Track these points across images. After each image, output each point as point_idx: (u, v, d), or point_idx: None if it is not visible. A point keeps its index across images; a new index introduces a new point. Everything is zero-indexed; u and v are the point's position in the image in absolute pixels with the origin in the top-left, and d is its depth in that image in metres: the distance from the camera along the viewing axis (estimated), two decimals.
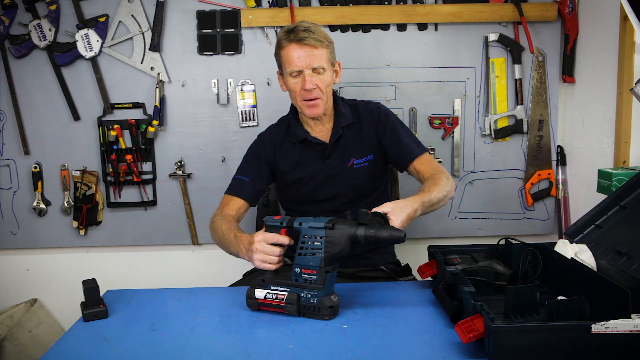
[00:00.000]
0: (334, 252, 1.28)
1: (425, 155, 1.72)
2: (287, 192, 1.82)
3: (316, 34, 1.61)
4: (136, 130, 2.26)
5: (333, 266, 1.31)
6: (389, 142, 1.73)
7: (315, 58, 1.61)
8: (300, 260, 1.31)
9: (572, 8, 2.21)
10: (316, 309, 1.30)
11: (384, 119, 1.75)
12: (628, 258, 1.29)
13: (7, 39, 2.19)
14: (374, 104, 1.80)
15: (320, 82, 1.63)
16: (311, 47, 1.60)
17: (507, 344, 1.03)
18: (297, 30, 1.61)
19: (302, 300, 1.31)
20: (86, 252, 2.39)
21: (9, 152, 2.28)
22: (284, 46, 1.63)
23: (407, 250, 2.04)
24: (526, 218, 2.38)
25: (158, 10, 2.20)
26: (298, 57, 1.61)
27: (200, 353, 1.17)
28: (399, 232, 1.26)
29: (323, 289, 1.29)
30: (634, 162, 1.92)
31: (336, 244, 1.28)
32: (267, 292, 1.35)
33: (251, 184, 1.75)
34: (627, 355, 1.03)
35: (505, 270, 1.42)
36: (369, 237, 1.26)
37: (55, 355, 1.18)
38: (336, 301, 1.31)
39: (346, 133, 1.75)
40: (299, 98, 1.66)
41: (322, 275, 1.29)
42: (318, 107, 1.66)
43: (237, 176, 1.78)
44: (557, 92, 2.31)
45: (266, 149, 1.79)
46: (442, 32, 2.26)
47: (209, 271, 2.40)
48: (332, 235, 1.28)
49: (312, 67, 1.61)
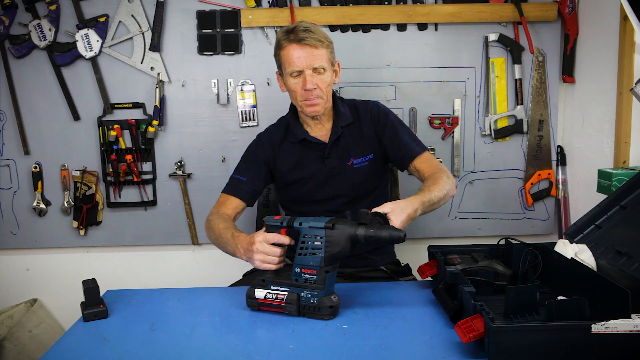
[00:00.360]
0: (334, 252, 1.28)
1: (426, 154, 1.72)
2: (287, 192, 1.82)
3: (316, 34, 1.61)
4: (136, 130, 2.26)
5: (333, 266, 1.31)
6: (389, 142, 1.73)
7: (316, 58, 1.61)
8: (300, 260, 1.31)
9: (572, 8, 2.21)
10: (316, 308, 1.30)
11: (383, 118, 1.75)
12: (628, 258, 1.29)
13: (7, 39, 2.19)
14: (373, 104, 1.80)
15: (320, 82, 1.63)
16: (311, 47, 1.60)
17: (507, 344, 1.03)
18: (297, 31, 1.60)
19: (302, 300, 1.31)
20: (86, 252, 2.39)
21: (9, 152, 2.28)
22: (284, 46, 1.63)
23: (407, 250, 2.04)
24: (526, 218, 2.38)
25: (158, 10, 2.20)
26: (298, 57, 1.61)
27: (200, 353, 1.17)
28: (399, 232, 1.26)
29: (323, 288, 1.29)
30: (634, 162, 1.92)
31: (336, 244, 1.28)
32: (267, 292, 1.35)
33: (248, 184, 1.75)
34: (627, 355, 1.03)
35: (505, 270, 1.42)
36: (369, 237, 1.26)
37: (55, 355, 1.18)
38: (336, 301, 1.31)
39: (346, 133, 1.75)
40: (300, 98, 1.66)
41: (322, 275, 1.29)
42: (318, 105, 1.67)
43: (235, 175, 1.78)
44: (557, 92, 2.31)
45: (265, 149, 1.79)
46: (442, 32, 2.26)
47: (209, 271, 2.40)
48: (332, 235, 1.28)
49: (313, 67, 1.61)
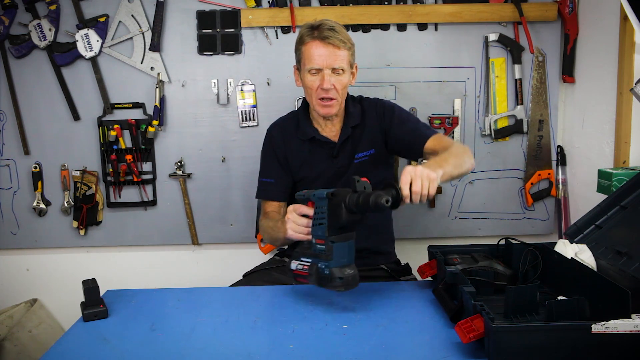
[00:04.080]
0: (333, 221, 1.29)
1: (438, 135, 1.69)
2: (293, 188, 1.82)
3: (340, 34, 1.61)
4: (136, 130, 2.26)
5: (339, 236, 1.30)
6: (399, 131, 1.73)
7: (337, 59, 1.61)
8: (315, 231, 1.35)
9: (572, 8, 2.21)
10: (328, 279, 1.29)
11: (388, 112, 1.76)
12: (628, 258, 1.29)
13: (7, 39, 2.19)
14: (377, 101, 1.81)
15: (338, 83, 1.63)
16: (334, 47, 1.60)
17: (507, 344, 1.03)
18: (322, 28, 1.60)
19: (319, 271, 1.31)
20: (86, 252, 2.39)
21: (9, 152, 2.28)
22: (307, 42, 1.62)
23: (407, 250, 2.04)
24: (526, 218, 2.38)
25: (158, 10, 2.20)
26: (319, 55, 1.60)
27: (200, 353, 1.17)
28: (381, 197, 1.19)
29: (332, 259, 1.29)
30: (634, 162, 1.92)
31: (334, 213, 1.29)
32: (297, 263, 1.38)
33: (278, 184, 1.77)
34: (627, 355, 1.03)
35: (505, 270, 1.43)
36: (357, 204, 1.25)
37: (55, 355, 1.18)
38: (347, 274, 1.29)
39: (354, 133, 1.75)
40: (315, 96, 1.66)
41: (329, 245, 1.30)
42: (332, 107, 1.67)
43: (262, 179, 1.80)
44: (557, 92, 2.31)
45: (277, 143, 1.79)
46: (442, 32, 2.26)
47: (209, 271, 2.40)
48: (332, 205, 1.30)
49: (332, 68, 1.61)
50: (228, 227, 2.34)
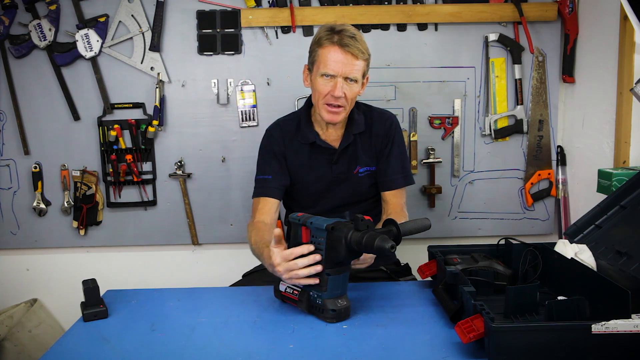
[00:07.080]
0: (331, 256, 1.27)
1: (402, 190, 1.76)
2: (289, 191, 1.81)
3: (360, 44, 1.59)
4: (136, 130, 2.26)
5: (335, 269, 1.29)
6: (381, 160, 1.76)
7: (354, 68, 1.59)
8: None
9: (572, 8, 2.21)
10: (320, 309, 1.30)
11: (391, 135, 1.76)
12: (628, 258, 1.29)
13: (7, 39, 2.19)
14: (389, 117, 1.79)
15: (349, 92, 1.61)
16: (353, 56, 1.57)
17: (507, 344, 1.03)
18: (343, 35, 1.57)
19: (311, 299, 1.31)
20: (86, 252, 2.39)
21: (9, 152, 2.28)
22: (325, 45, 1.59)
23: (407, 250, 2.04)
24: (526, 218, 2.38)
25: (158, 10, 2.20)
26: (336, 62, 1.58)
27: (200, 353, 1.17)
28: (386, 243, 1.19)
29: (326, 291, 1.28)
30: (634, 162, 1.92)
31: (333, 248, 1.27)
32: (286, 286, 1.37)
33: (275, 181, 1.74)
34: (627, 355, 1.03)
35: (505, 270, 1.43)
36: (360, 244, 1.23)
37: (55, 355, 1.18)
38: (340, 306, 1.29)
39: (357, 140, 1.74)
40: (322, 101, 1.64)
41: (324, 277, 1.28)
42: (339, 115, 1.64)
43: (259, 176, 1.77)
44: (557, 92, 2.31)
45: (277, 143, 1.77)
46: (442, 32, 2.26)
47: (209, 271, 2.40)
48: (331, 239, 1.27)
49: (346, 76, 1.59)
50: (228, 227, 2.34)
